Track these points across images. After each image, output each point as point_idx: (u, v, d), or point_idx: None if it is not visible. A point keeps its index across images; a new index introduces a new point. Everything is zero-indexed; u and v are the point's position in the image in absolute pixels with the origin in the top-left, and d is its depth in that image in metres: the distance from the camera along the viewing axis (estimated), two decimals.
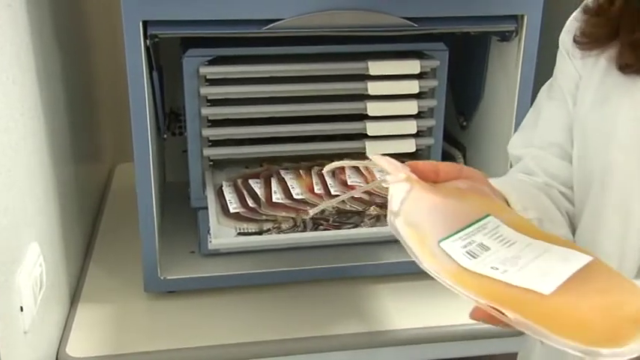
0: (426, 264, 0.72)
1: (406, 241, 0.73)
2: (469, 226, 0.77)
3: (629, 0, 0.87)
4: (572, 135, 0.96)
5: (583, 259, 0.76)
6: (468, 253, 0.75)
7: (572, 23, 0.97)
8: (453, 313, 1.26)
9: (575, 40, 0.94)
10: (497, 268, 0.74)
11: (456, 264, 0.74)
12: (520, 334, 1.15)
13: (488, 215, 0.79)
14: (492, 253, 0.75)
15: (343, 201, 1.29)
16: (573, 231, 0.95)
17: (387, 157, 0.83)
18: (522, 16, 1.24)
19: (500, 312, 0.67)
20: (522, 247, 0.78)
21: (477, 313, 0.69)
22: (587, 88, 0.93)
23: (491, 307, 0.67)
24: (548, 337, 0.65)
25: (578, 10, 0.96)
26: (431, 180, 0.85)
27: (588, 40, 0.92)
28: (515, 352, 1.16)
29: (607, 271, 0.77)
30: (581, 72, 0.94)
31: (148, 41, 1.14)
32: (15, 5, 1.05)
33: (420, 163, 0.81)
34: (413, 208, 0.76)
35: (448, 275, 0.72)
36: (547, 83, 1.04)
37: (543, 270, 0.74)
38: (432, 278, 1.27)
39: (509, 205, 0.89)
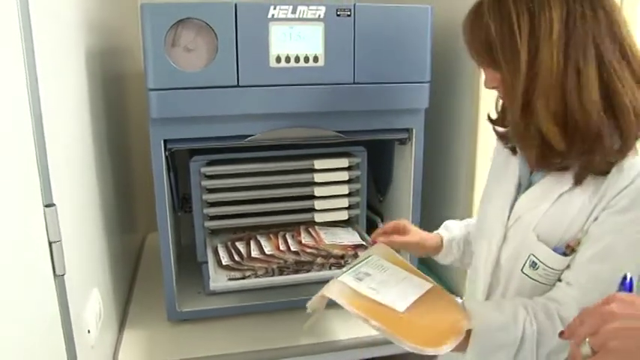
0: (332, 296, 0.88)
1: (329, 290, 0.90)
2: (359, 262, 0.95)
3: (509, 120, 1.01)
4: None
5: (426, 286, 0.91)
6: (356, 278, 0.89)
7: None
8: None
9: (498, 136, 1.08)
10: (374, 289, 0.87)
11: (350, 290, 0.88)
12: None
13: (370, 255, 0.97)
14: (372, 277, 0.90)
15: (298, 253, 1.37)
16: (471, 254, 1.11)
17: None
18: (412, 129, 1.39)
19: (368, 321, 0.82)
20: (391, 274, 0.92)
21: None
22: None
23: (363, 317, 0.82)
24: (398, 339, 0.80)
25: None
26: (401, 233, 1.12)
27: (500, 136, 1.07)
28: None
29: (441, 294, 0.91)
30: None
31: (166, 152, 1.25)
32: (85, 132, 1.17)
33: (393, 227, 1.13)
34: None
35: (345, 300, 0.87)
36: None
37: (402, 293, 0.87)
38: None
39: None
